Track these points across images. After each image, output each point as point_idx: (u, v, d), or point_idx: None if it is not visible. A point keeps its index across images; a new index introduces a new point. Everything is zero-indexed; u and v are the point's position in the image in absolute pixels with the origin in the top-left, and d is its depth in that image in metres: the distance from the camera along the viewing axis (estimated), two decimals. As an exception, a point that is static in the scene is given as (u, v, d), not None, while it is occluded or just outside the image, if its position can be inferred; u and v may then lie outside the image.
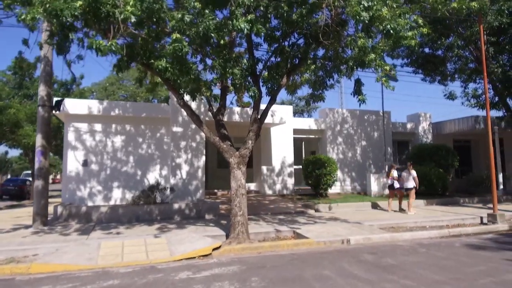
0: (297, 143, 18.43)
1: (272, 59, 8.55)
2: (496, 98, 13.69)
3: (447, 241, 8.38)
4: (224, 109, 9.08)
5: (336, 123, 18.38)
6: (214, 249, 7.35)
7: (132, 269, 6.31)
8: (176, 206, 11.49)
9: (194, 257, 7.04)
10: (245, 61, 7.70)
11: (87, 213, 10.89)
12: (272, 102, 8.69)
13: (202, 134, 14.30)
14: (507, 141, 20.72)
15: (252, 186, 17.54)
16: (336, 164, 15.93)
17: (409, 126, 20.25)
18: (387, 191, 16.27)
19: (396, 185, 12.83)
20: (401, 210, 12.86)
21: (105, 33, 7.03)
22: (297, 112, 37.33)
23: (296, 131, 17.71)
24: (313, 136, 18.64)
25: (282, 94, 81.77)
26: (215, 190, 16.71)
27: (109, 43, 6.12)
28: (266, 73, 8.52)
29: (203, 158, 14.01)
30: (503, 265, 6.17)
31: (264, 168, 16.85)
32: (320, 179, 15.35)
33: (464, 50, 13.49)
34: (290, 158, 17.23)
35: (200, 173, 13.85)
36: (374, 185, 16.39)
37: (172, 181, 13.36)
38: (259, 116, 8.58)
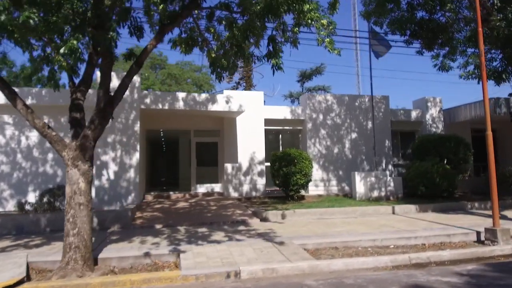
0: (273, 136, 15.62)
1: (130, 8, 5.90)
2: (505, 65, 10.02)
3: (391, 278, 5.29)
4: (86, 86, 6.58)
5: (319, 112, 15.28)
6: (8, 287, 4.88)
7: None
8: (69, 215, 9.11)
9: (-33, 303, 4.63)
10: (71, 6, 5.11)
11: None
12: (133, 71, 6.06)
13: (136, 127, 11.95)
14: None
15: (217, 187, 14.92)
16: (310, 160, 12.95)
17: (414, 114, 16.71)
18: (375, 193, 13.11)
19: None
20: None
21: None
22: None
23: (269, 122, 14.89)
24: (291, 128, 15.67)
25: (291, 85, 67.64)
26: (171, 193, 14.28)
27: None
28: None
29: (137, 155, 11.63)
30: None
31: (228, 166, 14.17)
32: (288, 178, 12.49)
33: (461, 7, 9.99)
34: (261, 154, 14.44)
35: (132, 173, 11.49)
36: (360, 186, 13.20)
37: (97, 182, 11.10)
38: (112, 93, 6.01)
